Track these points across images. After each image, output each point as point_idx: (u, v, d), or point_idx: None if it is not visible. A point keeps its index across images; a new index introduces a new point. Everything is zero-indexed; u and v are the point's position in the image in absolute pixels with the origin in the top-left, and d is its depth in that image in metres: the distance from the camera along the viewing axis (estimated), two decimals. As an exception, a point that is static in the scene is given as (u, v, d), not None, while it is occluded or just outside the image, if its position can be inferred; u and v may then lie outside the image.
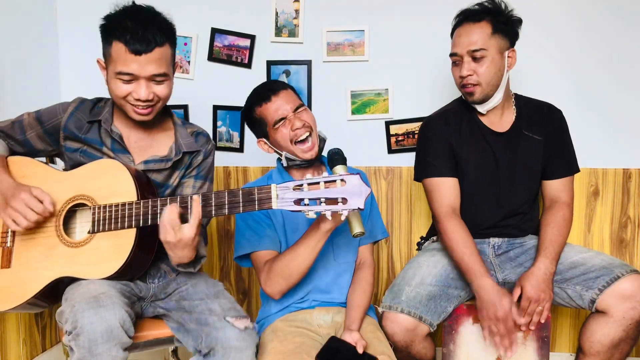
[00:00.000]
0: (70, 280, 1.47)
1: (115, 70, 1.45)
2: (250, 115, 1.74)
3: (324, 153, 1.73)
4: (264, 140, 1.75)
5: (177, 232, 1.37)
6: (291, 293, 1.70)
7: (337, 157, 1.52)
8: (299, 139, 1.67)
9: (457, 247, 1.74)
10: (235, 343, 1.41)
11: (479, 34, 1.73)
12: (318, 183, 1.27)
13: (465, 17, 1.77)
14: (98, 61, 1.55)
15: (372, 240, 1.82)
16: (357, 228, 1.45)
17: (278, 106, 1.68)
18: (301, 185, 1.28)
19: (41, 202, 1.44)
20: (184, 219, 1.39)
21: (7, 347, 2.03)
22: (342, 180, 1.26)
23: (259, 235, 1.70)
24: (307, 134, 1.68)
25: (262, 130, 1.73)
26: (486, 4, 1.78)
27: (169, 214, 1.37)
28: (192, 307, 1.52)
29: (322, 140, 1.74)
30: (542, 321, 1.71)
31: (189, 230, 1.37)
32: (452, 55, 1.78)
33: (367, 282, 1.74)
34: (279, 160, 1.76)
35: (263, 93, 1.71)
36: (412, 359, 1.75)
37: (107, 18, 1.50)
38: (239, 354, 1.41)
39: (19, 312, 2.06)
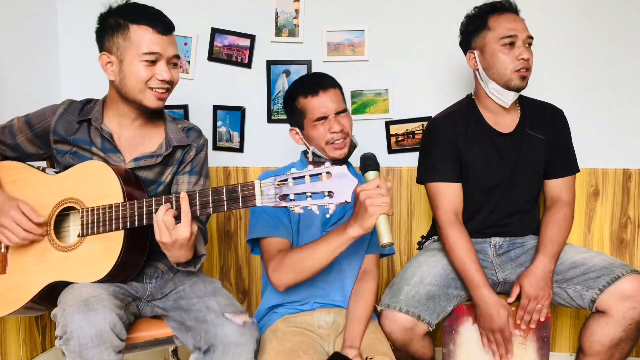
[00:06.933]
0: (67, 284, 1.47)
1: (140, 52, 1.48)
2: (292, 103, 1.71)
3: (356, 157, 1.67)
4: (297, 130, 1.72)
5: (172, 232, 1.36)
6: (293, 294, 1.67)
7: (369, 162, 1.46)
8: (333, 142, 1.65)
9: (458, 255, 1.74)
10: (234, 339, 1.41)
11: (525, 24, 1.75)
12: (303, 177, 1.25)
13: (503, 8, 1.77)
14: (102, 56, 1.53)
15: (380, 251, 1.76)
16: (385, 238, 1.37)
17: (323, 103, 1.65)
18: (285, 180, 1.26)
19: (29, 219, 1.46)
20: (177, 219, 1.38)
21: (7, 347, 2.03)
22: (327, 172, 1.24)
23: (275, 221, 1.65)
24: (342, 139, 1.66)
25: (298, 120, 1.70)
26: (504, 2, 1.79)
27: (164, 214, 1.36)
28: (190, 306, 1.51)
29: (353, 146, 1.72)
30: (542, 319, 1.71)
31: (184, 229, 1.36)
32: (506, 37, 1.71)
33: (369, 293, 1.68)
34: (304, 152, 1.75)
35: (312, 86, 1.67)
36: (410, 357, 1.76)
37: (117, 10, 1.53)
38: (238, 349, 1.41)
39: (18, 316, 2.06)
